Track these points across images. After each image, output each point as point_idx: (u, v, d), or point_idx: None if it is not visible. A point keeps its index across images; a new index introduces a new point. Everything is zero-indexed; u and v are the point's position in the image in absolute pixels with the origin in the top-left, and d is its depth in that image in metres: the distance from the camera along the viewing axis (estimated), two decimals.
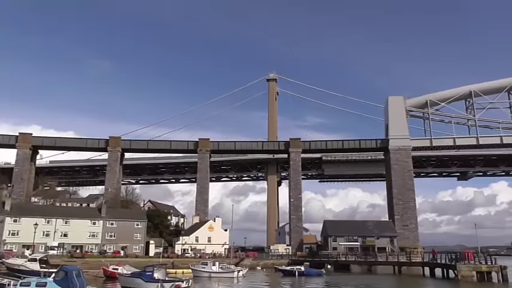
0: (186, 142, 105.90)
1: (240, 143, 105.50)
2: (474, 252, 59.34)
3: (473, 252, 57.06)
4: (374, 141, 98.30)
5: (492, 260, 53.06)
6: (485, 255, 56.69)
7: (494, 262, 51.96)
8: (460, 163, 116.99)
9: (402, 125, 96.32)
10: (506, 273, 49.74)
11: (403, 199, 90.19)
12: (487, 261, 52.62)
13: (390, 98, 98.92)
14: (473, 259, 52.73)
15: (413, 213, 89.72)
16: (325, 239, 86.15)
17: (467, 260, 52.35)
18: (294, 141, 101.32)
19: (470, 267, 51.04)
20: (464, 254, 54.30)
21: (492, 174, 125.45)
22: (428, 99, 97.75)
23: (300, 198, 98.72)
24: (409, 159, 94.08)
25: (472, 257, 53.06)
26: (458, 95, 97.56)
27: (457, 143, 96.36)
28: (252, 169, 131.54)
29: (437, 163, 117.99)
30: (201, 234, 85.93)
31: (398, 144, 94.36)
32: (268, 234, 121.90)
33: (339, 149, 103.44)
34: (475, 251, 67.11)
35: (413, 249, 75.72)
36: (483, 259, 53.41)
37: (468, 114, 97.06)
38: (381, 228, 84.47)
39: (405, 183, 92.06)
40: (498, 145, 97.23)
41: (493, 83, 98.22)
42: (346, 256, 72.68)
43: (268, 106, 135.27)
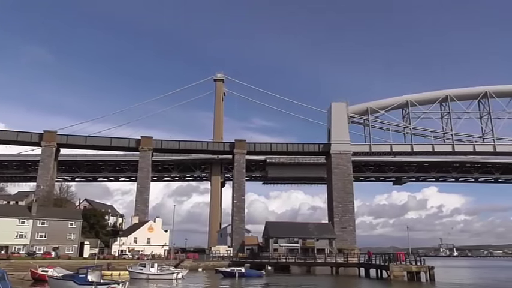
0: (128, 139, 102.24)
1: (184, 142, 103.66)
2: (406, 253, 62.60)
3: (405, 254, 60.19)
4: (317, 145, 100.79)
5: (421, 260, 56.21)
6: (416, 256, 59.96)
7: (423, 263, 55.08)
8: (395, 169, 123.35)
9: (344, 130, 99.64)
10: (433, 273, 52.91)
11: (342, 202, 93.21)
12: (416, 261, 55.70)
13: (333, 104, 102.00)
14: (404, 260, 55.65)
15: (351, 216, 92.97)
16: (266, 240, 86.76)
17: (399, 261, 55.13)
18: (239, 142, 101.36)
19: (401, 267, 53.73)
20: (396, 255, 57.14)
21: (424, 179, 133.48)
22: (368, 106, 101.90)
23: (243, 199, 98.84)
24: (349, 163, 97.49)
25: (403, 258, 55.95)
26: (396, 104, 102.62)
27: (394, 150, 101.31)
28: (195, 169, 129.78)
29: (375, 168, 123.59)
30: (140, 235, 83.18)
31: (340, 149, 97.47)
32: (210, 235, 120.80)
33: (283, 152, 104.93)
34: (407, 252, 71.01)
35: (351, 250, 78.32)
36: (413, 260, 56.53)
37: (404, 122, 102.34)
38: (321, 230, 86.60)
39: (345, 187, 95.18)
40: (430, 153, 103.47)
41: (427, 94, 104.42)
42: (287, 257, 73.60)
43: (215, 106, 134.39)
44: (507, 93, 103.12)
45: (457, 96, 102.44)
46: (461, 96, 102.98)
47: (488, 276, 74.01)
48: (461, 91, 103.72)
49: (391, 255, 58.45)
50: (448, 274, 70.68)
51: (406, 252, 65.35)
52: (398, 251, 73.97)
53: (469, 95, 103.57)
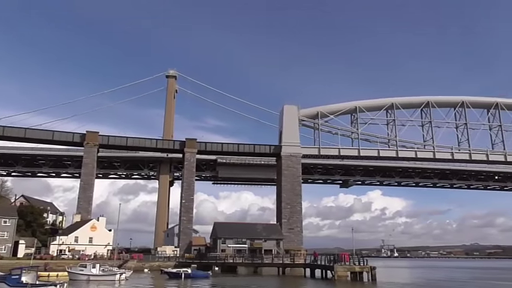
0: (72, 134, 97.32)
1: (133, 139, 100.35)
2: (350, 254, 64.56)
3: (349, 254, 62.10)
4: (268, 147, 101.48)
5: (364, 261, 58.16)
6: (359, 257, 61.94)
7: (366, 263, 57.02)
8: (343, 172, 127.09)
9: (294, 133, 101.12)
10: (375, 273, 54.93)
11: (291, 203, 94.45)
12: (360, 262, 57.55)
13: (285, 106, 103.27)
14: (348, 260, 57.38)
15: (299, 217, 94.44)
16: (214, 241, 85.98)
17: (343, 262, 56.75)
18: (190, 141, 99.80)
19: (345, 268, 55.31)
20: (341, 256, 58.85)
21: (369, 183, 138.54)
22: (319, 110, 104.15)
23: (192, 199, 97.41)
24: (299, 165, 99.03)
25: (347, 259, 57.69)
26: (345, 109, 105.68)
27: (342, 153, 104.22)
28: (143, 167, 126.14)
29: (323, 171, 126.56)
30: (82, 234, 79.45)
31: (290, 151, 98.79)
32: (157, 235, 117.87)
33: (235, 152, 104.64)
34: (351, 253, 73.16)
35: (297, 251, 79.38)
36: (357, 260, 58.36)
37: (353, 127, 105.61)
38: (269, 231, 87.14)
39: (294, 189, 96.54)
40: (375, 157, 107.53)
41: (375, 101, 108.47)
42: (234, 258, 73.31)
43: (166, 103, 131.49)
44: (447, 103, 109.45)
45: (402, 105, 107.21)
46: (405, 105, 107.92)
47: (425, 276, 78.07)
48: (405, 100, 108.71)
49: (335, 256, 60.11)
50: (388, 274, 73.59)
51: (350, 253, 67.28)
52: (343, 252, 75.96)
53: (412, 104, 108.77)
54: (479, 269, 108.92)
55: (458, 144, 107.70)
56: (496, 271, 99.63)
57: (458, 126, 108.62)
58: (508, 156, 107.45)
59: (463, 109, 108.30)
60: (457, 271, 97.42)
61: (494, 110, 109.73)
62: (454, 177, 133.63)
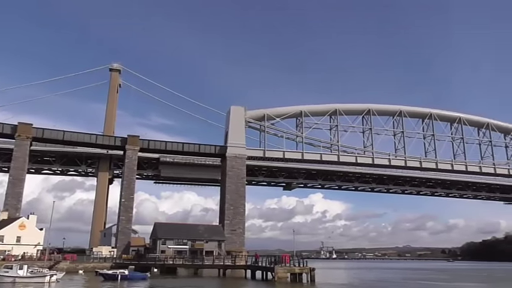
0: (1, 125, 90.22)
1: (70, 133, 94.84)
2: (290, 255, 65.43)
3: (290, 256, 62.89)
4: (213, 147, 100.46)
5: (304, 262, 59.18)
6: (299, 259, 62.93)
7: (305, 264, 58.05)
8: (286, 174, 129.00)
9: (240, 134, 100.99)
10: (314, 274, 56.08)
11: (234, 205, 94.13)
12: (300, 263, 58.49)
13: (232, 107, 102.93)
14: (289, 262, 58.11)
15: (242, 218, 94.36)
16: (154, 241, 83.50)
17: (284, 263, 57.40)
18: (132, 138, 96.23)
19: (285, 269, 55.95)
20: (282, 258, 59.49)
21: (311, 186, 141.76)
22: (266, 113, 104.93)
23: (132, 198, 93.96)
24: (244, 167, 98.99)
25: (288, 260, 58.42)
26: (291, 113, 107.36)
27: (286, 156, 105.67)
28: (81, 163, 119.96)
29: (267, 173, 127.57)
30: (8, 232, 73.80)
31: (235, 152, 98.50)
32: (93, 235, 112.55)
33: (179, 152, 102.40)
34: (292, 254, 74.24)
35: (239, 253, 79.15)
36: (297, 262, 59.26)
37: (297, 131, 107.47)
38: (211, 232, 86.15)
39: (238, 190, 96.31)
40: (318, 161, 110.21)
41: (319, 107, 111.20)
42: (174, 259, 71.66)
43: (108, 98, 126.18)
44: (386, 112, 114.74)
45: (345, 111, 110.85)
46: (348, 111, 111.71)
47: (360, 276, 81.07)
48: (348, 106, 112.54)
49: (276, 257, 60.67)
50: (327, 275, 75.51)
51: (290, 255, 68.20)
52: (284, 253, 76.93)
53: (355, 111, 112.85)
54: (410, 270, 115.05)
55: (395, 151, 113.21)
56: (424, 271, 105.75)
57: (395, 134, 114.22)
58: (439, 164, 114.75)
59: (401, 118, 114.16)
60: (390, 272, 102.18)
61: (428, 120, 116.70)
62: (390, 183, 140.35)
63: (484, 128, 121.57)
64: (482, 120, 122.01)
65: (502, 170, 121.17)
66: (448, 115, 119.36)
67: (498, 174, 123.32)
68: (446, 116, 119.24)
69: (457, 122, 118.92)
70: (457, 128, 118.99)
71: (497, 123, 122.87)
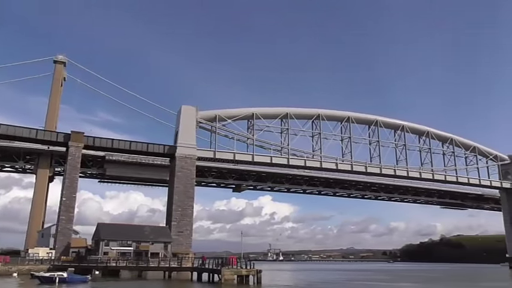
0: None
1: (7, 126, 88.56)
2: (238, 257, 65.51)
3: (237, 258, 62.94)
4: (162, 147, 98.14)
5: (251, 264, 59.30)
6: (246, 260, 63.16)
7: (252, 266, 58.14)
8: (236, 176, 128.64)
9: (191, 134, 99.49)
10: (260, 276, 56.40)
11: (182, 206, 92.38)
12: (247, 265, 58.56)
13: (183, 107, 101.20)
14: (236, 264, 58.03)
15: (189, 220, 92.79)
16: (96, 242, 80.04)
17: (231, 265, 57.23)
18: (76, 134, 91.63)
19: (232, 271, 55.77)
20: (229, 260, 59.30)
21: (261, 188, 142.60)
22: (217, 114, 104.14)
23: (74, 197, 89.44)
24: (193, 168, 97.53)
25: (235, 262, 58.34)
26: (243, 115, 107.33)
27: (237, 158, 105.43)
28: (18, 159, 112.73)
29: (217, 174, 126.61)
30: None
31: (185, 152, 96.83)
32: (29, 235, 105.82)
33: (126, 150, 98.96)
34: (239, 256, 74.28)
35: (185, 254, 77.85)
36: (244, 264, 59.29)
37: (249, 133, 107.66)
38: (157, 234, 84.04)
39: (186, 191, 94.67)
40: (268, 163, 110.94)
41: (270, 110, 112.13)
42: (117, 261, 69.14)
43: (51, 91, 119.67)
44: (335, 117, 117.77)
45: (295, 115, 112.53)
46: (299, 115, 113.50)
47: (305, 278, 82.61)
48: (299, 111, 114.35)
49: (223, 259, 60.29)
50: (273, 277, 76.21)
51: (238, 257, 68.22)
52: (231, 255, 76.86)
53: (305, 115, 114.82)
54: (353, 271, 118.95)
55: (343, 156, 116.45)
56: (366, 272, 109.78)
57: (343, 139, 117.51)
58: (382, 169, 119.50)
59: (349, 124, 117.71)
60: (334, 273, 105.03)
61: (374, 127, 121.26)
62: (337, 186, 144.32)
63: (424, 136, 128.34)
64: (423, 128, 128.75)
65: (439, 176, 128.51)
66: (392, 122, 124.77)
67: (436, 180, 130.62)
68: (391, 124, 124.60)
69: (400, 129, 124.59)
70: (400, 135, 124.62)
71: (436, 131, 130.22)
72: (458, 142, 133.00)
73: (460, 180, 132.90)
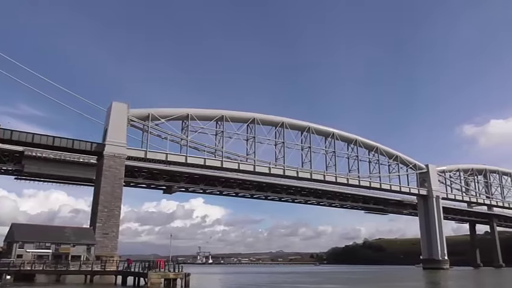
0: None
1: None
2: (166, 260, 63.72)
3: (165, 261, 61.21)
4: (89, 144, 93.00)
5: (179, 267, 57.97)
6: (174, 264, 61.59)
7: (181, 270, 56.86)
8: (168, 177, 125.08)
9: (121, 132, 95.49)
10: (189, 279, 55.38)
11: (108, 207, 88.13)
12: (175, 269, 57.14)
13: (114, 103, 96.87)
14: (163, 267, 56.40)
15: (116, 221, 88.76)
16: (9, 244, 73.44)
17: (158, 268, 55.54)
18: None
19: (159, 274, 54.10)
20: (156, 263, 57.51)
21: (193, 190, 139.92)
22: (150, 112, 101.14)
23: None
24: (122, 167, 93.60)
25: (163, 266, 56.70)
26: (177, 115, 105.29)
27: (169, 159, 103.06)
28: None
29: (148, 175, 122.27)
30: None
31: (114, 151, 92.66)
32: None
33: (48, 146, 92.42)
34: (167, 259, 72.28)
35: (110, 257, 74.25)
36: (172, 267, 57.82)
37: (183, 134, 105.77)
38: (79, 236, 79.06)
39: (114, 191, 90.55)
40: (202, 166, 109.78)
41: (206, 111, 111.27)
42: (33, 265, 64.01)
43: None
44: (269, 122, 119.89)
45: (231, 118, 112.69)
46: (234, 118, 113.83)
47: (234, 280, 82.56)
48: (235, 114, 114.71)
49: (151, 262, 58.38)
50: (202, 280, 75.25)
51: (166, 260, 66.44)
52: (159, 258, 74.54)
53: (240, 119, 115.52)
54: (280, 274, 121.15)
55: (276, 160, 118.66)
56: (293, 275, 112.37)
57: (277, 144, 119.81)
58: (313, 175, 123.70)
59: (283, 129, 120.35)
60: (262, 276, 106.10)
61: (306, 133, 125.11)
62: (269, 190, 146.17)
63: (352, 143, 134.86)
64: (351, 136, 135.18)
65: (364, 183, 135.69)
66: (323, 130, 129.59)
67: (362, 186, 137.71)
68: (322, 131, 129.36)
69: (331, 136, 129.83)
70: (330, 142, 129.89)
71: (364, 140, 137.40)
72: (383, 151, 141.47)
73: (383, 187, 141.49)
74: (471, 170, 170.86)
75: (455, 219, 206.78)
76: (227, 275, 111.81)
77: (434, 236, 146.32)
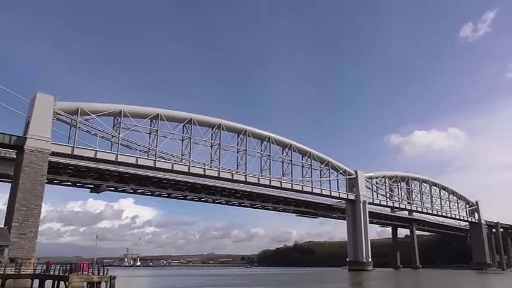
0: None
1: None
2: (90, 263, 60.24)
3: (89, 263, 57.86)
4: (8, 137, 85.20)
5: (104, 270, 55.12)
6: (99, 266, 58.42)
7: (106, 272, 54.07)
8: (96, 176, 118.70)
9: (46, 126, 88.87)
10: (114, 282, 52.86)
11: (27, 205, 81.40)
12: (99, 271, 54.20)
13: (39, 94, 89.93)
14: (87, 270, 53.34)
15: (35, 221, 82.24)
16: None
17: (81, 271, 52.42)
18: None
19: (82, 277, 51.01)
20: (79, 265, 54.24)
21: (123, 190, 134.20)
22: (80, 107, 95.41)
23: None
24: (45, 163, 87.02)
25: (86, 268, 53.60)
26: (109, 111, 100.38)
27: (98, 156, 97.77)
28: None
29: (74, 172, 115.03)
30: None
31: (37, 145, 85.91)
32: None
33: None
34: (91, 262, 68.42)
35: (27, 260, 68.60)
36: (96, 270, 54.83)
37: (114, 131, 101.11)
38: None
39: (34, 189, 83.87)
40: (133, 165, 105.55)
41: (141, 109, 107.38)
42: None
43: None
44: (206, 123, 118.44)
45: (166, 117, 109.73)
46: (170, 118, 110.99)
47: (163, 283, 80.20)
48: (171, 113, 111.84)
49: (73, 265, 55.01)
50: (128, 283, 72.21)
51: (90, 262, 62.94)
52: (83, 260, 70.40)
53: (176, 118, 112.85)
54: (211, 276, 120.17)
55: (211, 162, 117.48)
56: (224, 277, 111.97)
57: (213, 146, 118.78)
58: (248, 177, 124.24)
59: (219, 131, 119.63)
60: (194, 278, 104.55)
61: (243, 136, 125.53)
62: (203, 192, 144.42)
63: (287, 148, 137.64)
64: (286, 141, 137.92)
65: (297, 186, 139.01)
66: (260, 133, 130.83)
67: (294, 189, 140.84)
68: (259, 134, 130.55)
69: (266, 140, 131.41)
70: (266, 146, 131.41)
71: (298, 145, 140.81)
72: (316, 156, 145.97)
73: (314, 191, 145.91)
74: (395, 177, 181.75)
75: (380, 223, 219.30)
76: (157, 278, 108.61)
77: (360, 239, 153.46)
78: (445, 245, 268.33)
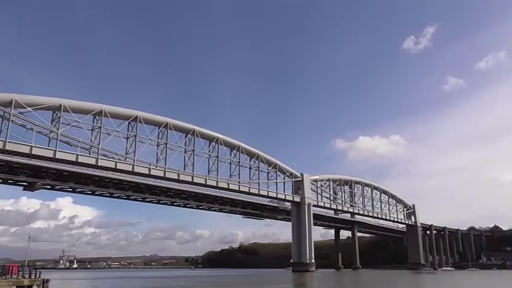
0: None
1: None
2: (20, 265, 56.65)
3: (19, 266, 54.48)
4: None
5: (37, 273, 52.05)
6: (31, 269, 55.12)
7: (38, 275, 51.05)
8: (31, 173, 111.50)
9: None
10: (47, 286, 50.19)
11: None
12: (30, 274, 51.07)
13: None
14: (17, 273, 50.20)
15: None
16: None
17: (10, 274, 49.23)
18: None
19: (11, 281, 47.63)
20: (7, 268, 50.95)
21: (60, 188, 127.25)
22: (14, 98, 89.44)
23: None
24: None
25: (16, 271, 50.45)
26: (48, 105, 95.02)
27: (34, 152, 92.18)
28: None
29: (5, 168, 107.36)
30: None
31: None
32: None
33: None
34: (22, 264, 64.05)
35: None
36: (27, 273, 51.68)
37: (53, 126, 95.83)
38: None
39: None
40: (73, 162, 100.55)
41: (83, 104, 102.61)
42: None
43: None
44: (153, 122, 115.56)
45: (111, 114, 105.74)
46: (114, 115, 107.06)
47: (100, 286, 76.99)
48: (116, 110, 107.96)
49: (0, 267, 51.42)
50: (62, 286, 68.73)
51: (20, 265, 59.01)
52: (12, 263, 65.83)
53: (121, 115, 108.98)
54: (153, 278, 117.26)
55: (157, 162, 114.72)
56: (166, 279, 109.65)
57: (159, 145, 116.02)
58: (194, 178, 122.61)
59: (167, 130, 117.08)
60: (135, 281, 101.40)
61: (191, 136, 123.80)
62: (147, 192, 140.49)
63: (235, 149, 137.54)
64: (235, 142, 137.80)
65: (244, 188, 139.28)
66: (208, 134, 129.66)
67: (241, 191, 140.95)
68: (207, 135, 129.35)
69: (215, 141, 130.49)
70: (214, 147, 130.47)
71: (246, 147, 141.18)
72: (263, 158, 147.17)
73: (261, 193, 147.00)
74: (339, 181, 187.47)
75: (323, 225, 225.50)
76: (93, 280, 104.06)
77: (304, 241, 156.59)
78: (384, 246, 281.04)
